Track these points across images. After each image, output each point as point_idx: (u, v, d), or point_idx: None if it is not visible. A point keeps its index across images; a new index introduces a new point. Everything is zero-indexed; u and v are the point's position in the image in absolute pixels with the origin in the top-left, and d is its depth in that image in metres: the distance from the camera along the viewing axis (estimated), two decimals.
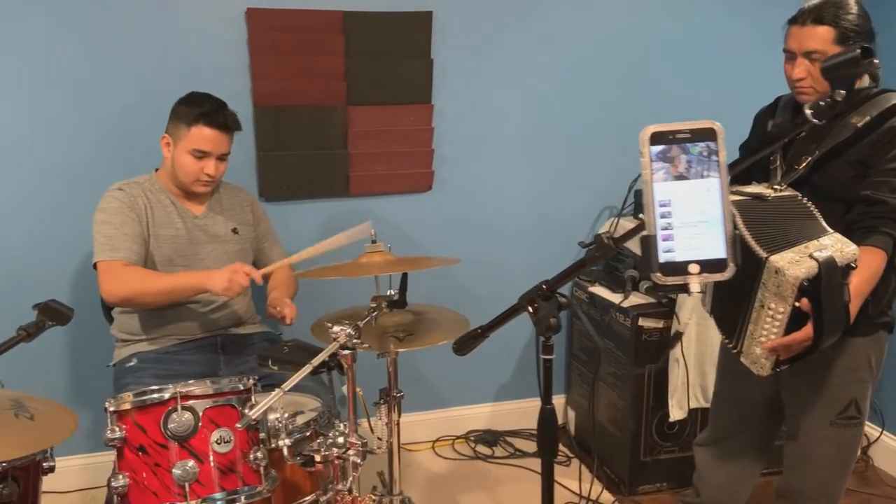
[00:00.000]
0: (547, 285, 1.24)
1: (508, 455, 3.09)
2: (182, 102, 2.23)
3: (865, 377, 1.91)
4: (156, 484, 1.44)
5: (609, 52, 3.03)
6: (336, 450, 1.60)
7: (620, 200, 3.10)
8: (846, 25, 1.76)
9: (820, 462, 1.99)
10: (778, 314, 1.59)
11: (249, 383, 1.57)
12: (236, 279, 2.04)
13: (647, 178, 0.84)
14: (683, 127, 0.84)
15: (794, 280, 1.55)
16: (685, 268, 0.83)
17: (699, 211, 0.83)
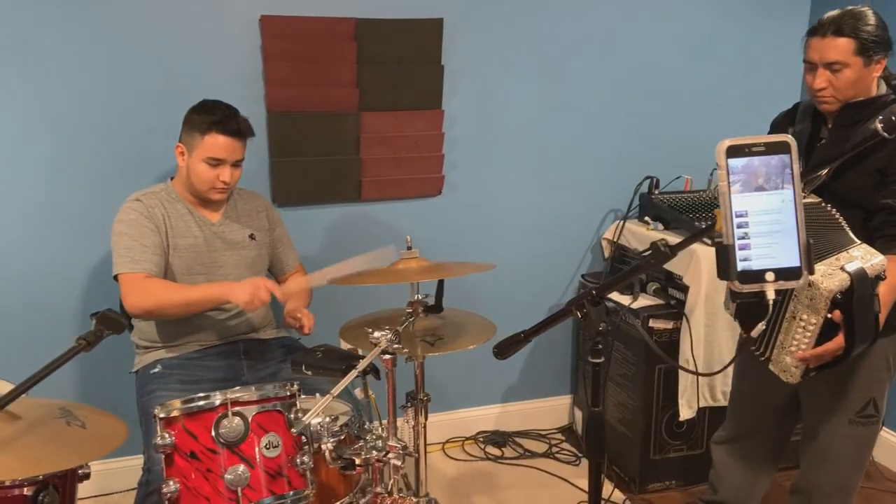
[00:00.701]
0: (597, 291, 1.27)
1: (518, 455, 3.13)
2: (194, 111, 2.24)
3: (884, 377, 1.98)
4: (207, 489, 1.46)
5: (616, 57, 3.08)
6: (376, 452, 1.62)
7: (625, 204, 3.17)
8: (865, 37, 1.82)
9: (838, 459, 2.05)
10: (810, 325, 1.64)
11: (294, 389, 1.59)
12: (258, 294, 2.05)
13: (725, 190, 0.89)
14: (758, 140, 0.88)
15: (828, 293, 1.60)
16: (762, 276, 0.88)
17: (774, 221, 0.87)
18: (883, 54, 1.87)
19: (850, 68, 1.85)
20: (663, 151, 3.20)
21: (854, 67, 1.85)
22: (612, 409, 2.98)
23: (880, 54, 1.86)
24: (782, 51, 3.20)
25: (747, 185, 0.87)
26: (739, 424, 2.27)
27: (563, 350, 3.35)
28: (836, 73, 1.85)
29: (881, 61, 1.88)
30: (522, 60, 2.98)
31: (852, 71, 1.85)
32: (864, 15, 1.85)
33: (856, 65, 1.84)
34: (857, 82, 1.86)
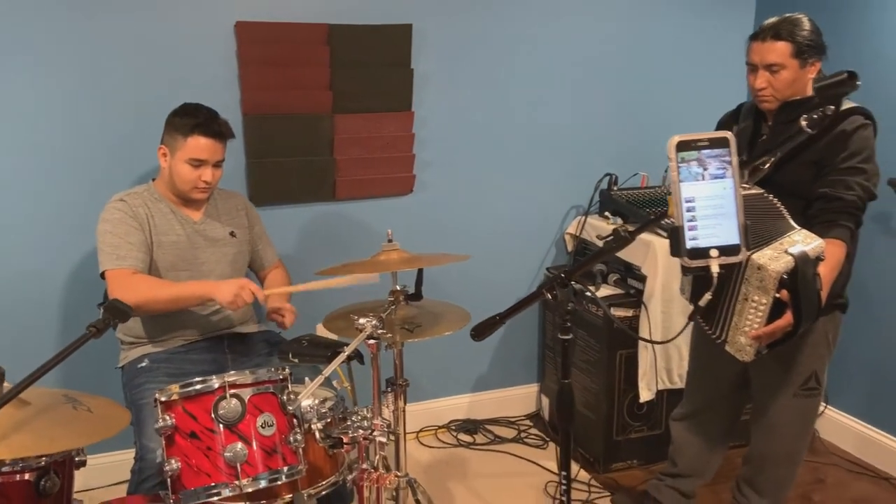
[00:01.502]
0: (566, 274, 1.41)
1: (489, 441, 3.27)
2: (176, 114, 2.32)
3: (824, 352, 2.18)
4: (208, 465, 1.56)
5: (577, 61, 3.24)
6: (362, 431, 1.75)
7: (586, 200, 3.34)
8: (801, 41, 2.02)
9: (785, 430, 2.25)
10: (761, 305, 1.80)
11: (286, 373, 1.70)
12: (242, 295, 2.14)
13: (675, 179, 1.03)
14: (703, 136, 1.03)
15: (776, 274, 1.77)
16: (707, 252, 1.02)
17: (717, 205, 1.02)
18: (817, 58, 2.05)
19: (787, 70, 2.03)
20: (621, 150, 3.37)
21: (791, 69, 2.03)
22: (577, 394, 3.13)
23: (814, 58, 2.04)
24: (730, 52, 3.40)
25: (694, 175, 1.02)
26: (695, 401, 2.44)
27: (530, 341, 3.50)
28: (775, 74, 2.04)
29: (815, 64, 2.06)
30: (488, 64, 3.13)
31: (789, 72, 2.03)
32: (800, 21, 2.04)
33: (792, 66, 2.02)
34: (793, 83, 2.04)
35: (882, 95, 2.87)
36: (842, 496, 2.83)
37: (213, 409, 1.58)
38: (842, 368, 3.17)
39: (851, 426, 3.15)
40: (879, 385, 3.03)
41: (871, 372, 3.07)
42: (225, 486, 1.56)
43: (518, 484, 2.93)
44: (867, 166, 1.99)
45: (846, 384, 3.17)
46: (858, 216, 2.01)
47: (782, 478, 2.34)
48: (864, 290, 3.04)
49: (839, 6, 3.08)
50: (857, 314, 3.05)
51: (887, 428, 3.01)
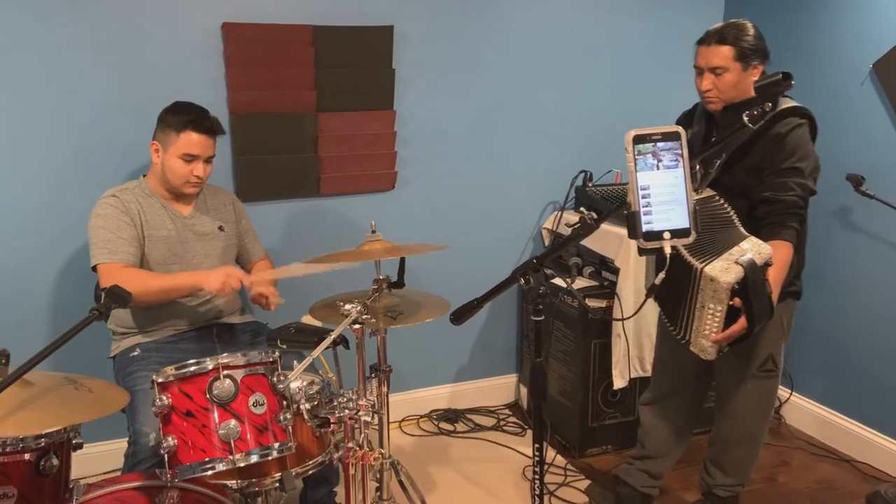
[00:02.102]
0: (537, 260, 1.53)
1: (469, 429, 3.38)
2: (169, 111, 2.41)
3: (779, 336, 2.32)
4: (203, 442, 1.66)
5: (552, 61, 3.36)
6: (348, 411, 1.85)
7: (562, 196, 3.46)
8: (744, 45, 2.16)
9: (745, 410, 2.39)
10: (717, 312, 1.95)
11: (276, 356, 1.80)
12: (229, 282, 2.24)
13: (632, 169, 1.14)
14: (657, 131, 1.14)
15: (727, 285, 1.91)
16: (661, 235, 1.14)
17: (669, 193, 1.13)
18: (759, 62, 2.19)
19: (730, 72, 2.17)
20: (595, 148, 3.49)
21: (734, 71, 2.17)
22: (553, 383, 3.25)
23: (757, 61, 2.18)
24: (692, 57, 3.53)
25: (649, 166, 1.13)
26: (661, 386, 2.57)
27: (508, 332, 3.61)
28: (719, 76, 2.17)
29: (758, 67, 2.20)
30: (466, 64, 3.24)
31: (732, 74, 2.17)
32: (744, 26, 2.18)
33: (735, 69, 2.16)
34: (737, 84, 2.17)
35: (842, 93, 3.02)
36: (806, 477, 2.97)
37: (207, 389, 1.67)
38: (805, 357, 3.32)
39: (814, 411, 3.30)
40: (840, 372, 3.18)
41: (833, 360, 3.21)
42: (219, 461, 1.65)
43: (497, 468, 3.04)
44: (803, 164, 2.12)
45: (810, 372, 3.32)
46: (801, 214, 2.14)
47: (745, 457, 2.47)
48: (825, 281, 3.19)
49: (804, 5, 3.22)
50: (818, 305, 3.22)
51: (848, 412, 3.16)
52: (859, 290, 3.06)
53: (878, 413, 3.03)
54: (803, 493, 2.85)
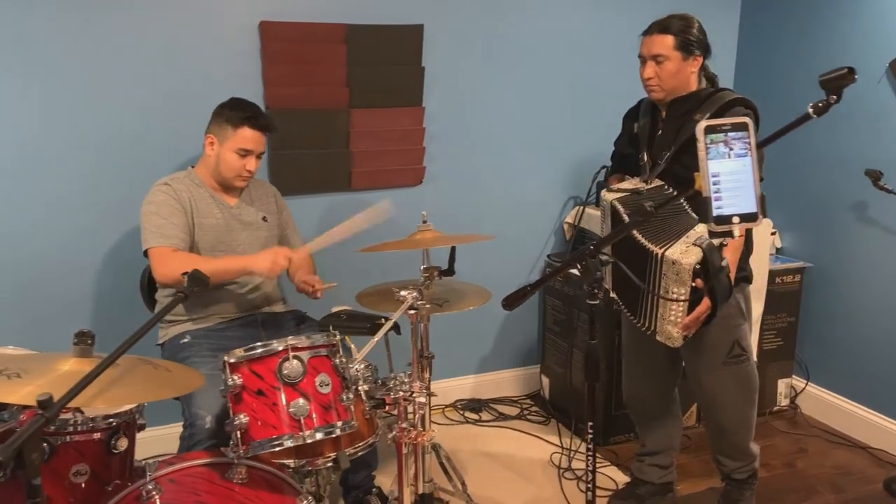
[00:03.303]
0: (594, 246, 1.61)
1: (494, 418, 3.47)
2: (226, 106, 2.49)
3: (739, 321, 2.38)
4: (274, 419, 1.73)
5: (576, 59, 3.46)
6: (403, 392, 1.93)
7: (584, 191, 3.56)
8: (686, 36, 2.26)
9: (724, 398, 2.43)
10: (681, 296, 2.03)
11: (337, 339, 1.88)
12: (278, 261, 2.31)
13: (703, 157, 1.23)
14: (726, 121, 1.23)
15: (689, 266, 1.99)
16: (729, 219, 1.22)
17: (737, 180, 1.22)
18: (699, 53, 2.29)
19: (670, 61, 2.27)
20: None
21: (674, 60, 2.27)
22: (578, 374, 3.34)
23: (697, 52, 2.28)
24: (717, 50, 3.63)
25: (721, 154, 1.22)
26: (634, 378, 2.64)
27: (530, 325, 3.71)
28: (660, 64, 2.28)
29: (698, 59, 2.30)
30: (493, 63, 3.33)
31: (673, 63, 2.27)
32: (686, 18, 2.30)
33: (675, 58, 2.27)
34: (677, 73, 2.28)
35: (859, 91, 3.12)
36: (823, 463, 3.07)
37: (277, 369, 1.75)
38: (821, 348, 3.43)
39: (830, 400, 3.40)
40: (855, 362, 3.28)
41: (848, 351, 3.31)
42: (289, 438, 1.73)
43: (525, 455, 3.13)
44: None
45: (825, 362, 3.42)
46: None
47: (741, 442, 2.51)
48: (842, 273, 3.30)
49: (820, 5, 3.33)
50: (834, 297, 3.33)
51: (863, 401, 3.26)
52: (876, 282, 3.17)
53: (893, 402, 3.13)
54: (822, 478, 2.95)
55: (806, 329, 3.48)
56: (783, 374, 3.50)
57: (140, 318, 2.67)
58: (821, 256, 3.38)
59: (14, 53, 2.63)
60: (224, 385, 1.77)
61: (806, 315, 3.46)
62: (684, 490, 2.82)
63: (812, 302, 3.44)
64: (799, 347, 3.49)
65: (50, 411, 1.12)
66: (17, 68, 2.64)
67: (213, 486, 1.74)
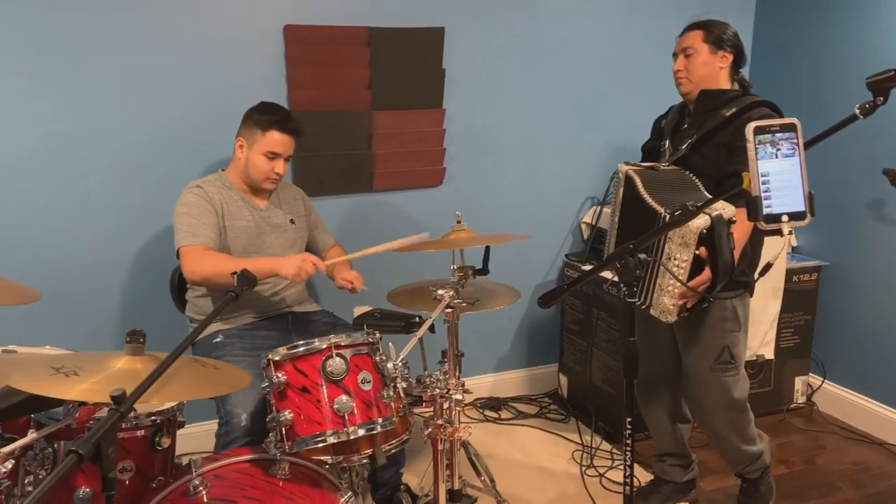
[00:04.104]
0: (633, 245, 1.64)
1: (513, 417, 3.50)
2: (256, 110, 2.52)
3: (734, 327, 2.37)
4: (318, 416, 1.76)
5: (590, 61, 3.50)
6: (439, 390, 1.97)
7: (601, 191, 3.59)
8: (714, 30, 2.34)
9: (709, 403, 2.44)
10: (683, 262, 2.03)
11: (377, 337, 1.91)
12: (305, 267, 2.32)
13: (753, 157, 1.27)
14: (775, 122, 1.26)
15: (696, 229, 2.00)
16: (779, 217, 1.26)
17: (786, 179, 1.25)
18: (728, 51, 2.35)
19: (699, 54, 2.35)
20: (633, 144, 3.60)
21: (702, 53, 2.35)
22: (598, 372, 3.38)
23: (726, 49, 2.35)
24: None
25: (769, 154, 1.25)
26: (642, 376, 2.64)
27: (549, 323, 3.74)
28: (689, 57, 2.36)
29: (727, 56, 2.36)
30: (512, 65, 3.36)
31: (701, 56, 2.35)
32: (722, 21, 2.38)
33: (703, 51, 2.34)
34: (704, 65, 2.35)
35: None
36: (842, 460, 3.10)
37: (321, 366, 1.78)
38: (837, 346, 3.46)
39: (847, 398, 3.44)
40: (872, 360, 3.32)
41: (865, 349, 3.35)
42: (333, 434, 1.77)
43: (546, 453, 3.16)
44: None
45: (841, 360, 3.46)
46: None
47: (737, 448, 2.49)
48: (858, 272, 3.33)
49: (835, 7, 3.37)
50: (851, 295, 3.36)
51: (880, 398, 3.30)
52: (892, 280, 3.20)
53: None
54: (842, 474, 2.98)
55: (822, 327, 3.51)
56: (800, 371, 3.54)
57: (169, 318, 2.74)
58: (837, 255, 3.41)
59: (48, 57, 2.66)
60: (269, 382, 1.80)
61: (822, 313, 3.50)
62: (706, 486, 2.86)
63: (828, 300, 3.48)
64: (815, 345, 3.53)
65: (124, 406, 1.15)
66: (50, 71, 2.67)
67: (258, 481, 1.78)
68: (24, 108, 2.67)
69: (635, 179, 2.26)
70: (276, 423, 1.78)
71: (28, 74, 2.65)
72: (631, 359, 1.73)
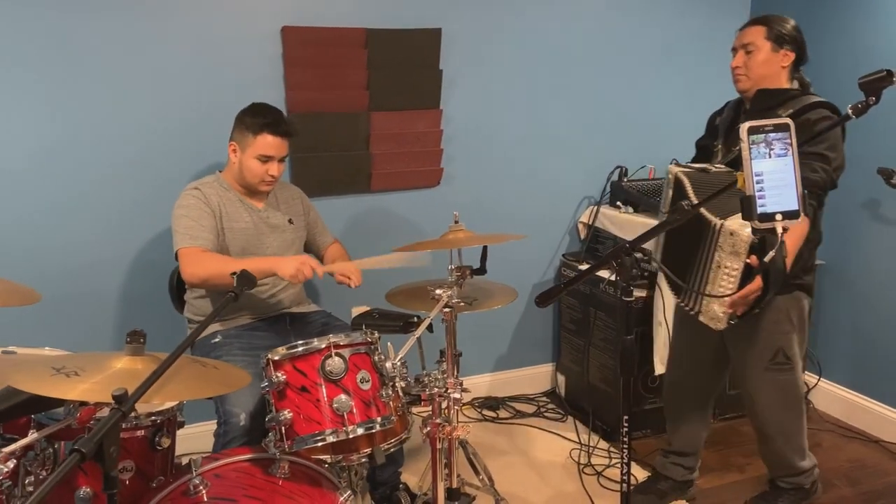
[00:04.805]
0: (629, 244, 1.66)
1: (511, 416, 3.51)
2: (246, 113, 2.52)
3: (788, 329, 2.36)
4: (318, 415, 1.77)
5: (587, 63, 3.51)
6: (438, 389, 1.98)
7: (598, 191, 3.61)
8: (776, 27, 2.29)
9: (763, 403, 2.44)
10: (734, 271, 2.02)
11: (375, 336, 1.92)
12: (303, 270, 2.33)
13: (747, 157, 1.28)
14: (769, 122, 1.28)
15: (748, 238, 1.98)
16: (773, 216, 1.27)
17: (780, 178, 1.27)
18: (790, 49, 2.30)
19: (760, 51, 2.30)
20: (629, 144, 3.64)
21: (763, 50, 2.29)
22: (595, 371, 3.39)
23: (787, 47, 2.30)
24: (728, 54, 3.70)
25: (762, 154, 1.27)
26: (677, 376, 2.66)
27: (545, 323, 3.75)
28: (749, 54, 2.31)
29: (788, 54, 2.31)
30: (509, 66, 3.38)
31: (762, 53, 2.29)
32: (783, 16, 2.33)
33: (764, 48, 2.29)
34: (764, 63, 2.30)
35: None
36: (838, 457, 3.12)
37: (320, 366, 1.80)
38: (832, 344, 3.48)
39: (842, 395, 3.46)
40: (867, 358, 3.34)
41: (860, 347, 3.37)
42: (332, 433, 1.78)
43: (544, 452, 3.18)
44: (832, 155, 2.20)
45: (837, 358, 3.48)
46: (821, 197, 2.23)
47: (784, 450, 2.51)
48: (853, 270, 3.35)
49: (833, 4, 3.39)
50: (845, 293, 3.38)
51: (875, 396, 3.31)
52: (887, 279, 3.22)
53: None
54: (838, 471, 3.00)
55: (818, 325, 3.53)
56: None
57: (168, 319, 2.75)
58: (833, 254, 3.43)
59: (47, 59, 2.67)
60: (268, 382, 1.81)
61: (818, 311, 3.52)
62: (704, 484, 2.87)
63: (824, 298, 3.50)
64: (811, 343, 3.54)
65: (126, 405, 1.16)
66: (48, 72, 2.68)
67: (258, 480, 1.79)
68: (22, 110, 2.68)
69: (685, 182, 2.23)
70: (276, 423, 1.79)
71: (26, 76, 2.67)
72: (628, 357, 1.74)
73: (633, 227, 3.31)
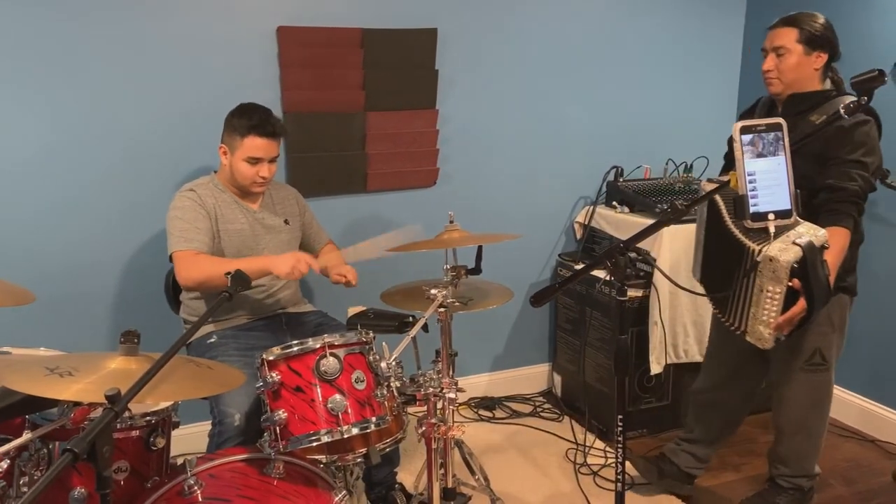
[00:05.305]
0: (623, 244, 1.66)
1: (508, 416, 3.51)
2: (234, 115, 2.50)
3: (827, 330, 2.35)
4: (313, 415, 1.78)
5: (584, 61, 3.52)
6: (433, 389, 1.98)
7: (594, 191, 3.61)
8: (809, 29, 2.23)
9: (793, 401, 2.45)
10: (776, 294, 1.98)
11: (370, 336, 1.92)
12: (298, 266, 2.33)
13: (740, 157, 1.28)
14: (761, 122, 1.29)
15: (787, 264, 1.92)
16: (765, 216, 1.28)
17: (773, 178, 1.27)
18: (823, 50, 2.25)
19: (792, 54, 2.24)
20: (625, 144, 3.65)
21: (795, 53, 2.24)
22: (591, 371, 3.39)
23: (820, 49, 2.24)
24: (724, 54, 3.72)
25: (754, 153, 1.27)
26: (715, 376, 2.65)
27: (542, 323, 3.76)
28: (781, 57, 2.25)
29: (821, 56, 2.26)
30: (505, 66, 3.38)
31: (794, 56, 2.24)
32: (814, 15, 2.26)
33: (797, 51, 2.24)
34: (797, 67, 2.24)
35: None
36: (834, 457, 3.13)
37: (314, 366, 1.80)
38: None
39: (839, 395, 3.44)
40: (863, 358, 3.34)
41: (855, 346, 3.34)
42: (327, 433, 1.78)
43: (541, 452, 3.18)
44: (868, 160, 2.17)
45: None
46: (860, 205, 2.19)
47: (800, 448, 2.52)
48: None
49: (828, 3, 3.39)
50: None
51: (870, 395, 3.32)
52: (883, 278, 3.23)
53: None
54: (835, 471, 3.01)
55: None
56: None
57: (163, 320, 2.75)
58: None
59: (44, 60, 2.67)
60: (263, 382, 1.81)
61: None
62: (700, 483, 2.87)
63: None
64: None
65: (118, 405, 1.16)
66: (44, 74, 2.68)
67: (252, 480, 1.79)
68: (18, 111, 2.68)
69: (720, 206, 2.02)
70: (271, 423, 1.79)
71: (23, 78, 2.66)
72: (622, 357, 1.75)
73: (629, 226, 3.31)
